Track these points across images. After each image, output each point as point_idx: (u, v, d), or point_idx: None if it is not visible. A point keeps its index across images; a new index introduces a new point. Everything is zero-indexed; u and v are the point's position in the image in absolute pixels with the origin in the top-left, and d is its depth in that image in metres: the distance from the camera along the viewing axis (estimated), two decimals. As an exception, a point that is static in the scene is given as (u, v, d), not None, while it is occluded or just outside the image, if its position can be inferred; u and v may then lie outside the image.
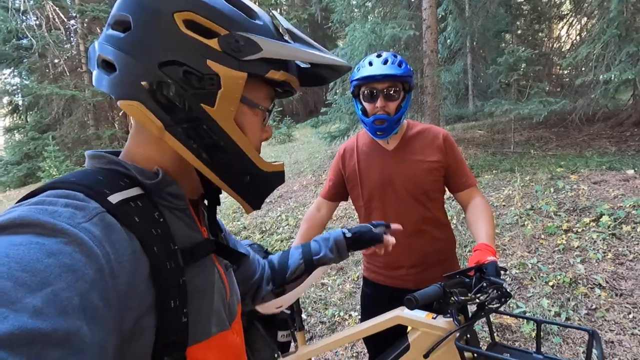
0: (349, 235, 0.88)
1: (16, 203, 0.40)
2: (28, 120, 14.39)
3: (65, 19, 13.36)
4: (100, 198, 0.42)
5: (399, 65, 1.24)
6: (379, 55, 1.27)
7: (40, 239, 0.34)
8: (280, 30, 0.55)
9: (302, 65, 0.60)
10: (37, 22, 12.97)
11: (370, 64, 1.25)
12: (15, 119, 14.88)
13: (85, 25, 14.19)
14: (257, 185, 0.56)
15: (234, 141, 0.50)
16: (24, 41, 12.85)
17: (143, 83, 0.46)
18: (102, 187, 0.43)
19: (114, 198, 0.43)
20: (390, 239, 0.96)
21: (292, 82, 0.55)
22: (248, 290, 0.81)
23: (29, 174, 12.14)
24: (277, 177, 0.59)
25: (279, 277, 0.84)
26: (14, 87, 14.21)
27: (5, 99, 14.42)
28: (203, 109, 0.47)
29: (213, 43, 0.47)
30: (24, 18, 12.75)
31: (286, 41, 0.54)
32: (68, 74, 13.74)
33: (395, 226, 1.00)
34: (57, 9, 12.60)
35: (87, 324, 0.32)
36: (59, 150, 11.22)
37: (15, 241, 0.33)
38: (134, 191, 0.46)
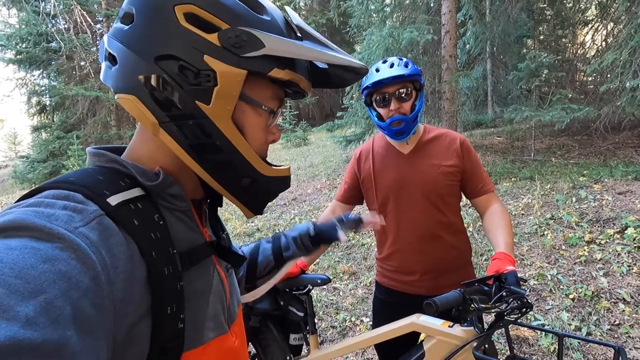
0: (312, 234, 0.87)
1: (15, 202, 0.39)
2: (54, 119, 14.93)
3: (92, 23, 13.84)
4: (99, 200, 0.40)
5: (406, 66, 1.24)
6: (384, 61, 1.28)
7: (36, 243, 0.32)
8: (293, 27, 0.51)
9: (320, 65, 0.57)
10: (66, 26, 13.47)
11: (377, 70, 1.26)
12: (42, 118, 15.48)
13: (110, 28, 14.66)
14: (257, 189, 0.53)
15: (229, 141, 0.47)
16: (53, 44, 13.36)
17: (140, 77, 0.44)
18: (101, 187, 0.42)
19: (114, 200, 0.41)
20: (374, 220, 0.95)
21: (300, 82, 0.51)
22: None
23: (53, 171, 12.55)
24: (280, 183, 0.55)
25: (250, 273, 0.84)
26: (43, 88, 14.79)
27: (34, 99, 15.04)
28: (198, 106, 0.45)
29: (212, 38, 0.44)
30: (54, 22, 13.28)
31: (297, 38, 0.50)
32: (93, 75, 14.19)
33: (369, 219, 0.95)
34: (84, 13, 13.08)
35: (77, 334, 0.31)
36: (82, 149, 11.58)
37: (10, 245, 0.32)
38: (135, 192, 0.45)
